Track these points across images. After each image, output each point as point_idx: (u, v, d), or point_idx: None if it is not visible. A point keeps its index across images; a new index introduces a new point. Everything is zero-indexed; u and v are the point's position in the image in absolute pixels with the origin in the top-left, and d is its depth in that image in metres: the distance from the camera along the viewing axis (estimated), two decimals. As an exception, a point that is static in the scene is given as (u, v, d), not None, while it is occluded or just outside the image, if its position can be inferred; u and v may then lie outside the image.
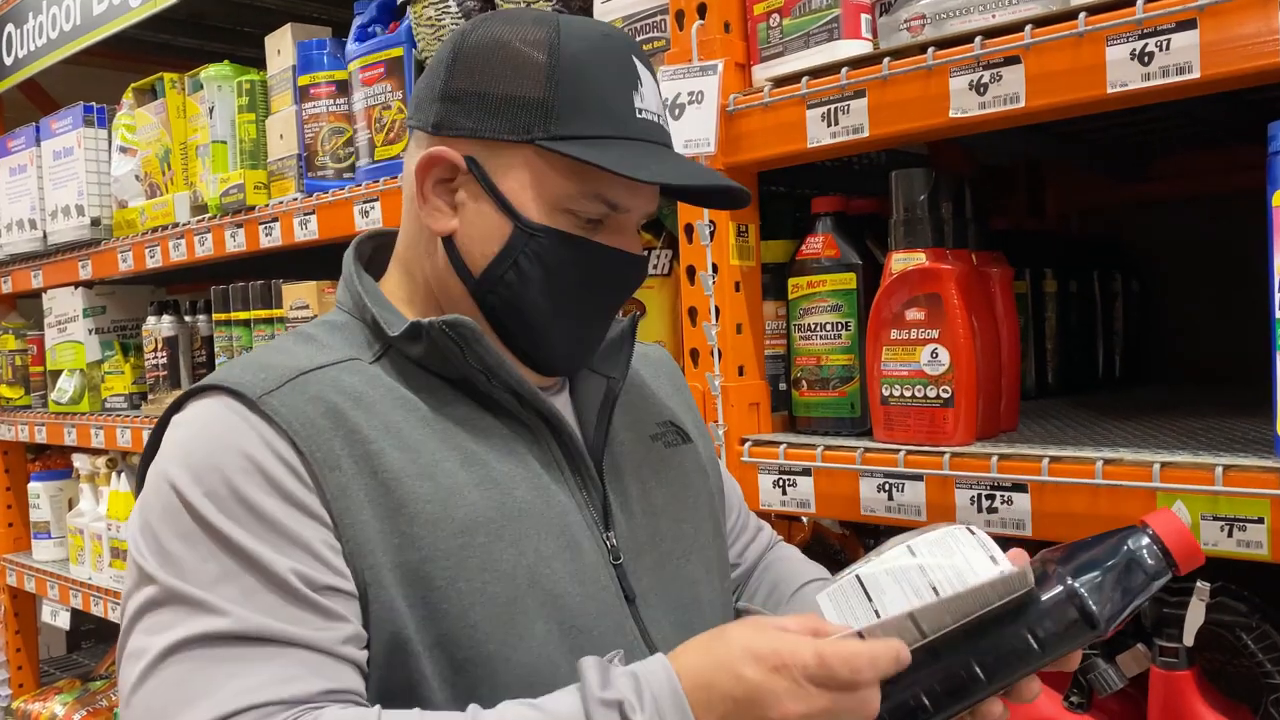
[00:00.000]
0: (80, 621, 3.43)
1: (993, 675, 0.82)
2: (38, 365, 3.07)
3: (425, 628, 0.86)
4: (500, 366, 0.93)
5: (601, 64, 0.92)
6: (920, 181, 1.31)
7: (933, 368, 1.28)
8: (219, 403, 0.88)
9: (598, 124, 0.92)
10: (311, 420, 0.87)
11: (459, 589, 0.86)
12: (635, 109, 0.93)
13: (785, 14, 1.40)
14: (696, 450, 1.12)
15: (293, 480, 0.85)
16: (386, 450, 0.88)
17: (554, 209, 0.93)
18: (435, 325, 0.91)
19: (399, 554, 0.86)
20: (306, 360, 0.92)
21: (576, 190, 0.93)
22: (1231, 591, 1.14)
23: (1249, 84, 1.06)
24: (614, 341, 1.07)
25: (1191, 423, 1.37)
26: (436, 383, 0.95)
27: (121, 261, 2.61)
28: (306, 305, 2.14)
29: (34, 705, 3.11)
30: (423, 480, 0.88)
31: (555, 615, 0.89)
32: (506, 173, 0.94)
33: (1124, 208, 2.23)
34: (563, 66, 0.91)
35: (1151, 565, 0.85)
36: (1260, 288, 1.06)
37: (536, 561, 0.90)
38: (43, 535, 3.14)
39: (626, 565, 0.97)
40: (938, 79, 1.21)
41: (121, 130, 2.65)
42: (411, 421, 0.91)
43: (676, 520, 1.04)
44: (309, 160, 2.13)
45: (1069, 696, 1.25)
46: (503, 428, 0.95)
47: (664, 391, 1.16)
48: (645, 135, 0.94)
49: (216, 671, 0.79)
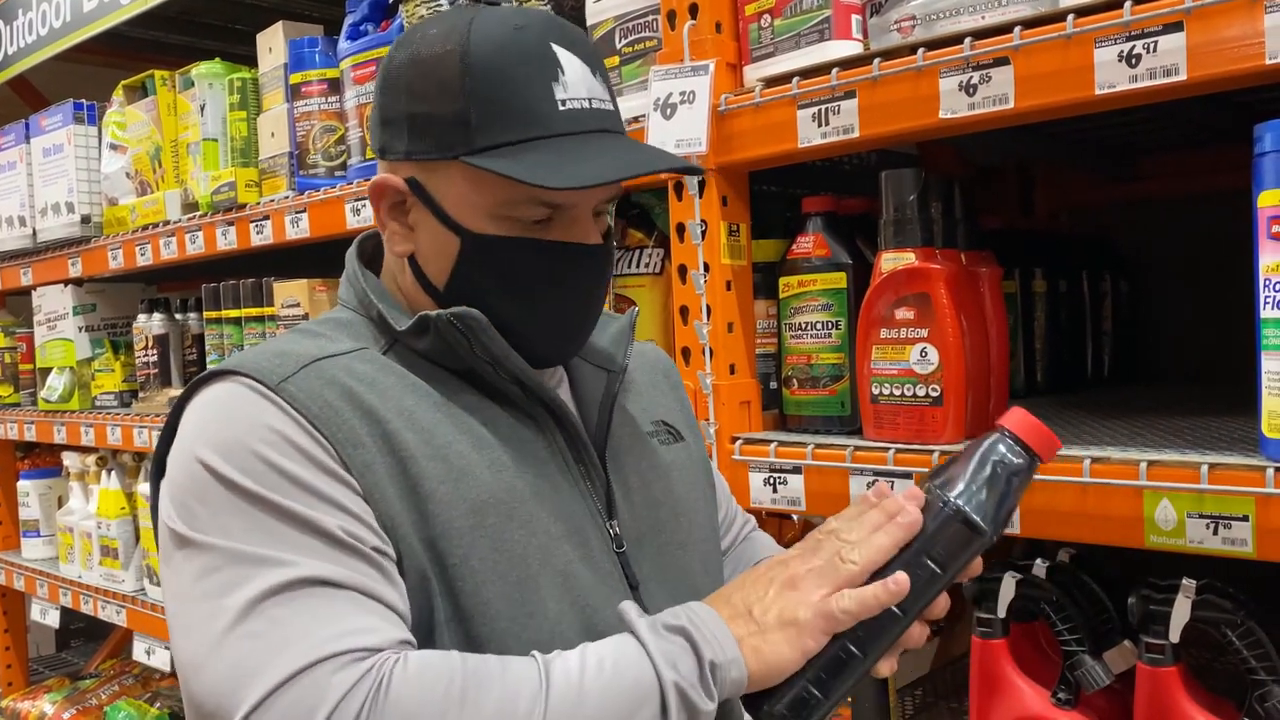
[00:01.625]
0: (69, 620, 3.41)
1: (908, 608, 0.87)
2: (27, 363, 3.06)
3: (442, 604, 0.87)
4: (507, 357, 0.94)
5: (514, 63, 0.91)
6: (910, 182, 1.32)
7: (922, 367, 1.28)
8: (237, 385, 0.89)
9: (518, 128, 0.90)
10: (329, 403, 0.88)
11: (472, 567, 0.88)
12: (558, 101, 0.91)
13: (776, 14, 1.40)
14: (689, 448, 1.14)
15: (321, 451, 0.85)
16: (401, 431, 0.89)
17: (494, 217, 0.93)
18: (442, 317, 0.92)
19: (417, 532, 0.87)
20: (318, 349, 0.93)
21: (510, 198, 0.92)
22: (1217, 589, 1.15)
23: (1235, 86, 1.07)
24: (614, 337, 1.08)
25: (1178, 421, 1.38)
26: (443, 374, 0.96)
27: (112, 259, 2.61)
28: (297, 303, 2.14)
29: (23, 704, 3.10)
30: (436, 461, 0.89)
31: (568, 595, 0.91)
32: (446, 189, 0.94)
33: (1113, 207, 2.25)
34: (474, 76, 0.90)
35: (1016, 462, 0.90)
36: (1246, 287, 1.07)
37: (548, 542, 0.92)
38: (32, 534, 3.13)
39: (629, 553, 0.99)
40: (928, 80, 1.22)
41: (112, 127, 2.65)
42: (424, 405, 0.93)
43: (674, 513, 1.06)
44: (300, 158, 2.13)
45: (1056, 693, 1.26)
46: (509, 417, 0.97)
47: (659, 390, 1.17)
48: (572, 127, 0.91)
49: (302, 618, 0.79)
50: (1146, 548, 1.09)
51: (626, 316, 1.11)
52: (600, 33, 1.62)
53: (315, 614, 0.79)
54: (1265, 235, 1.03)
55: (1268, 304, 1.03)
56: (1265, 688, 1.11)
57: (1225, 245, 1.49)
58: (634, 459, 1.05)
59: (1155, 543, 1.08)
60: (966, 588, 1.32)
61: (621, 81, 1.59)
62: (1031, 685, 1.28)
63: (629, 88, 1.59)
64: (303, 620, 0.79)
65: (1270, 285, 1.02)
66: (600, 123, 0.94)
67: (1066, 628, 1.25)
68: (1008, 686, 1.29)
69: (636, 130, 1.49)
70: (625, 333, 1.09)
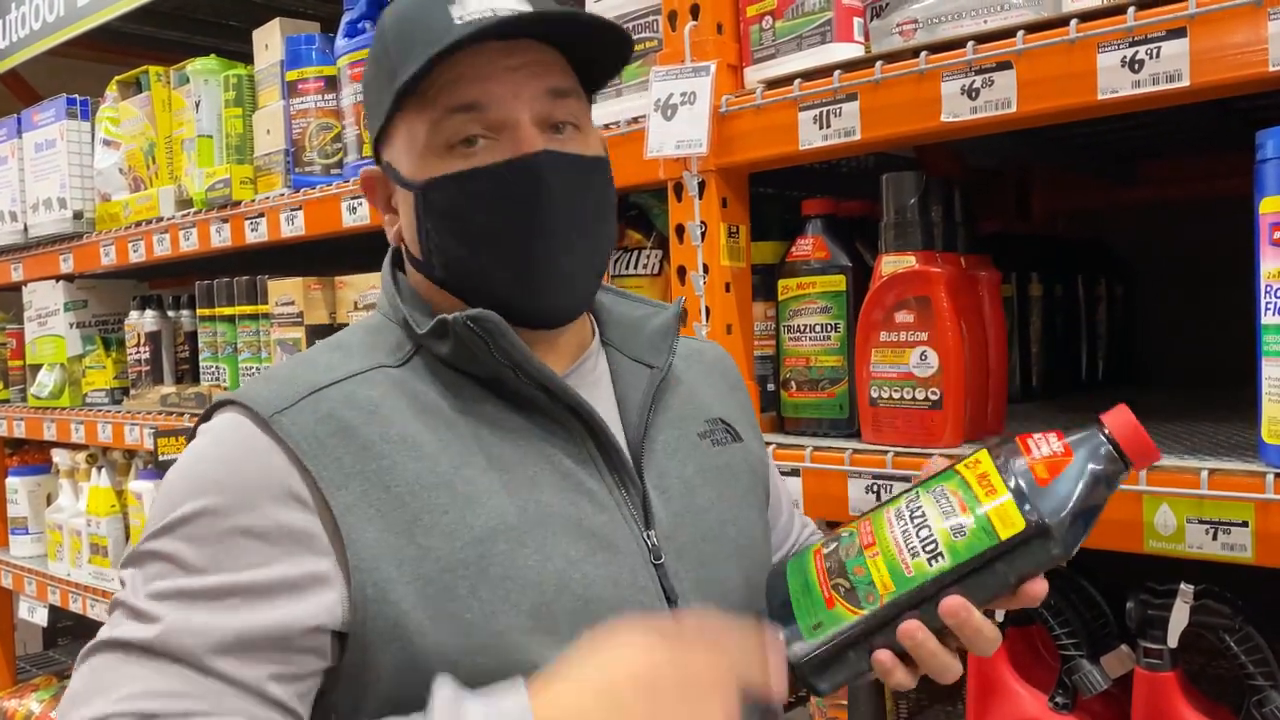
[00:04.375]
0: (56, 618, 3.40)
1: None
2: (17, 359, 3.04)
3: (449, 640, 0.83)
4: (528, 361, 0.90)
5: (415, 5, 0.93)
6: (911, 185, 1.32)
7: (922, 370, 1.28)
8: (235, 418, 0.89)
9: (420, 54, 0.88)
10: (320, 439, 0.86)
11: (481, 598, 0.84)
12: (454, 18, 0.89)
13: (778, 16, 1.40)
14: (748, 449, 1.09)
15: (288, 507, 0.84)
16: (401, 463, 0.87)
17: (428, 156, 0.92)
18: (460, 320, 0.89)
19: (417, 566, 0.84)
20: (326, 373, 0.91)
21: (430, 121, 0.91)
22: (1215, 594, 1.15)
23: (1238, 92, 1.08)
24: (659, 330, 1.04)
25: (1174, 426, 1.39)
26: (465, 382, 0.94)
27: (104, 255, 2.59)
28: (292, 301, 2.13)
29: (10, 702, 3.08)
30: (440, 490, 0.87)
31: (588, 621, 0.85)
32: (395, 153, 0.96)
33: (1110, 211, 2.25)
34: (388, 35, 0.94)
35: (1109, 471, 0.84)
36: (1241, 292, 1.08)
37: (565, 566, 0.87)
38: (20, 531, 3.11)
39: (668, 565, 0.94)
40: (930, 83, 1.22)
41: (105, 123, 2.63)
42: (432, 428, 0.90)
43: (722, 520, 1.00)
44: (296, 156, 2.12)
45: (1054, 697, 1.26)
46: (534, 427, 0.93)
47: (717, 390, 1.12)
48: (467, 32, 0.88)
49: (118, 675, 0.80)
50: (1146, 552, 1.09)
51: (672, 309, 1.06)
52: (600, 33, 1.62)
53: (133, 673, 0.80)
54: (1267, 241, 1.03)
55: (1268, 310, 1.03)
56: (1263, 693, 1.11)
57: (1220, 250, 1.50)
58: (678, 463, 1.00)
59: (1155, 548, 1.09)
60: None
61: (621, 81, 1.59)
62: (1029, 689, 1.29)
63: (629, 88, 1.58)
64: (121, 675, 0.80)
65: (1271, 291, 1.03)
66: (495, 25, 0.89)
67: (1064, 632, 1.25)
68: (1005, 691, 1.29)
69: (636, 131, 1.48)
70: (671, 327, 1.04)
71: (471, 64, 0.90)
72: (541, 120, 0.93)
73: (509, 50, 0.91)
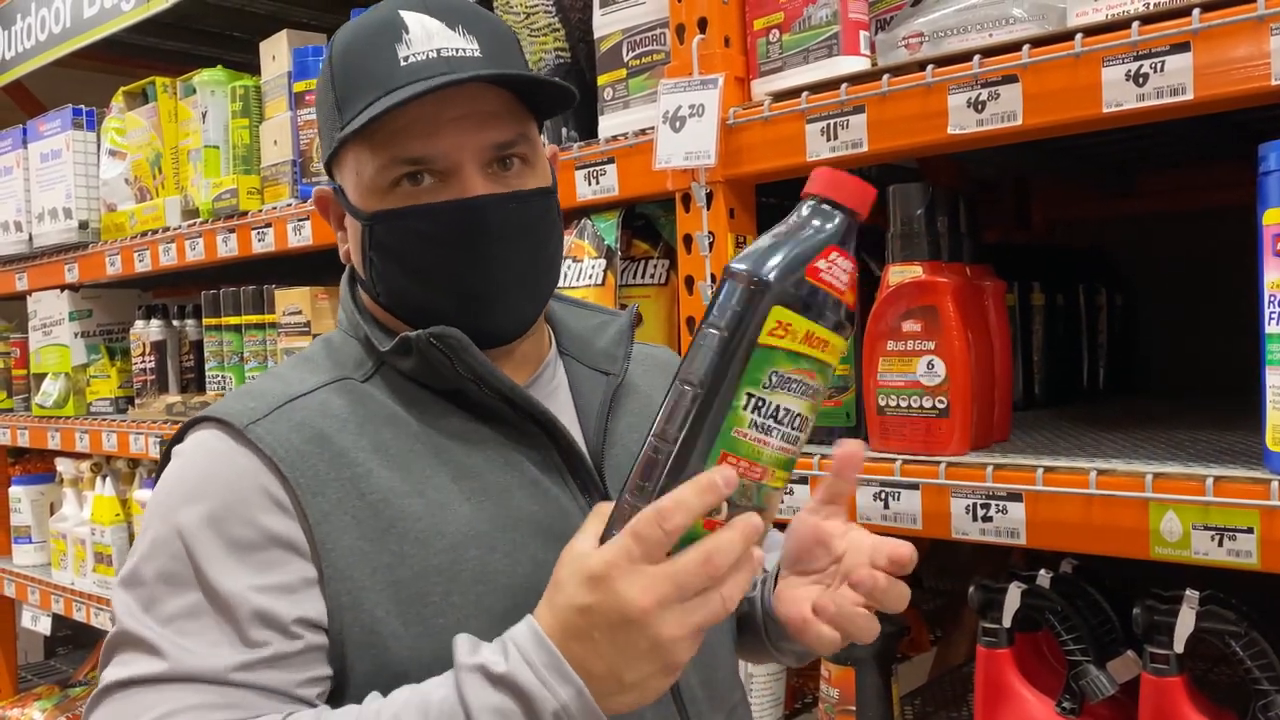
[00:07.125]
0: (57, 627, 3.39)
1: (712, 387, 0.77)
2: (21, 368, 3.05)
3: (424, 645, 0.85)
4: (491, 375, 0.93)
5: (361, 37, 0.94)
6: (917, 196, 1.33)
7: (929, 379, 1.30)
8: (210, 435, 0.91)
9: (365, 94, 0.91)
10: (296, 447, 0.88)
11: (453, 603, 0.87)
12: (400, 59, 0.91)
13: (785, 30, 1.42)
14: None
15: (273, 514, 0.86)
16: (374, 470, 0.89)
17: (375, 191, 0.94)
18: (422, 338, 0.92)
19: (391, 573, 0.86)
20: (298, 384, 0.94)
21: (376, 163, 0.93)
22: (1221, 600, 1.16)
23: (1241, 106, 1.09)
24: (613, 338, 1.07)
25: (1178, 434, 1.40)
26: (428, 396, 0.96)
27: (109, 265, 2.60)
28: (300, 310, 2.14)
29: (12, 711, 3.08)
30: (412, 498, 0.89)
31: None
32: (344, 178, 0.98)
33: (1110, 221, 2.27)
34: (335, 63, 0.95)
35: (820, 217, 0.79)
36: (1240, 302, 1.09)
37: (534, 570, 0.89)
38: (23, 540, 3.11)
39: None
40: (936, 96, 1.24)
41: (111, 134, 2.65)
42: (401, 438, 0.92)
43: None
44: (304, 166, 2.14)
45: (1061, 702, 1.27)
46: (499, 437, 0.96)
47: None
48: (413, 77, 0.90)
49: (140, 704, 0.81)
50: (1152, 559, 1.11)
51: (625, 317, 1.08)
52: (607, 45, 1.64)
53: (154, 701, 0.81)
54: (1270, 252, 1.04)
55: (1272, 319, 1.05)
56: (1269, 698, 1.12)
57: (1220, 260, 1.52)
58: None
59: (1160, 554, 1.10)
60: (971, 597, 1.34)
61: (629, 94, 1.60)
62: (1036, 695, 1.30)
63: (636, 100, 1.60)
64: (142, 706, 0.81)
65: (1275, 301, 1.04)
66: (450, 68, 0.91)
67: (1071, 637, 1.27)
68: (1012, 696, 1.30)
69: (644, 142, 1.50)
70: (624, 334, 1.07)
71: (418, 114, 0.91)
72: (486, 164, 0.95)
73: (452, 99, 0.92)
